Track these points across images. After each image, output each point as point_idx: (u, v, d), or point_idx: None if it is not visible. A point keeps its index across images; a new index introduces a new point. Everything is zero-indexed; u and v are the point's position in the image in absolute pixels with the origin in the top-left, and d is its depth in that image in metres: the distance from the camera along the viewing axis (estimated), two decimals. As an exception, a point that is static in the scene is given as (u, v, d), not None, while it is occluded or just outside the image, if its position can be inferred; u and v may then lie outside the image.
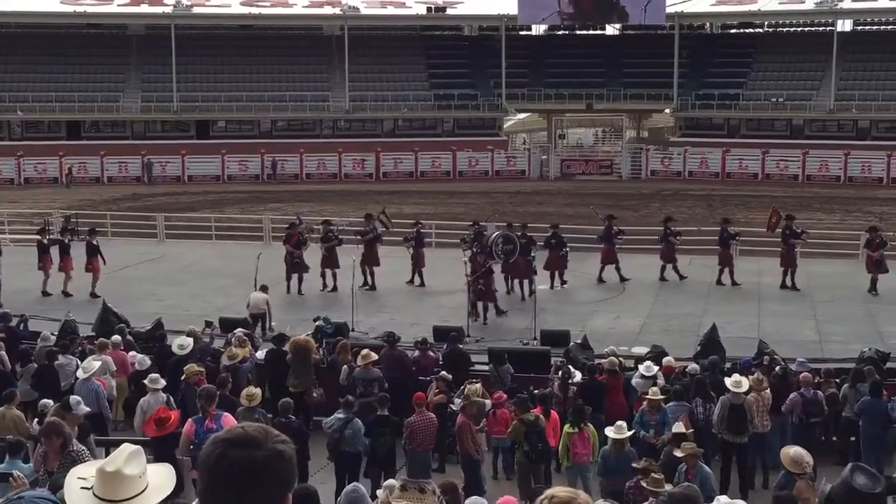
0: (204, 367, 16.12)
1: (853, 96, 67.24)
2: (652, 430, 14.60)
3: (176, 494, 3.90)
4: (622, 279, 28.69)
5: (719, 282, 28.22)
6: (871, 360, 17.56)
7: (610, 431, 13.60)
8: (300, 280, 27.60)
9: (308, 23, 77.06)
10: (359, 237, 28.74)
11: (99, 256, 27.57)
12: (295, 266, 27.49)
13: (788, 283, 27.69)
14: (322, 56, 74.96)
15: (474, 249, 25.39)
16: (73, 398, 12.35)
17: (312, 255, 28.00)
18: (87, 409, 12.56)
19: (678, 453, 12.32)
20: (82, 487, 3.61)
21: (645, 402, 15.12)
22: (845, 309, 25.66)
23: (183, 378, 15.65)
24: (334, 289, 27.54)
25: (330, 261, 27.80)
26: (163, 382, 15.06)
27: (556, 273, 28.29)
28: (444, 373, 16.77)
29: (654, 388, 15.30)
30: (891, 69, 68.64)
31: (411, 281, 28.64)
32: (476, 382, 15.59)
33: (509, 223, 28.15)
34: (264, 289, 23.27)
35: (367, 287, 27.91)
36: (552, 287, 28.12)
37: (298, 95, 70.72)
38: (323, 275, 27.90)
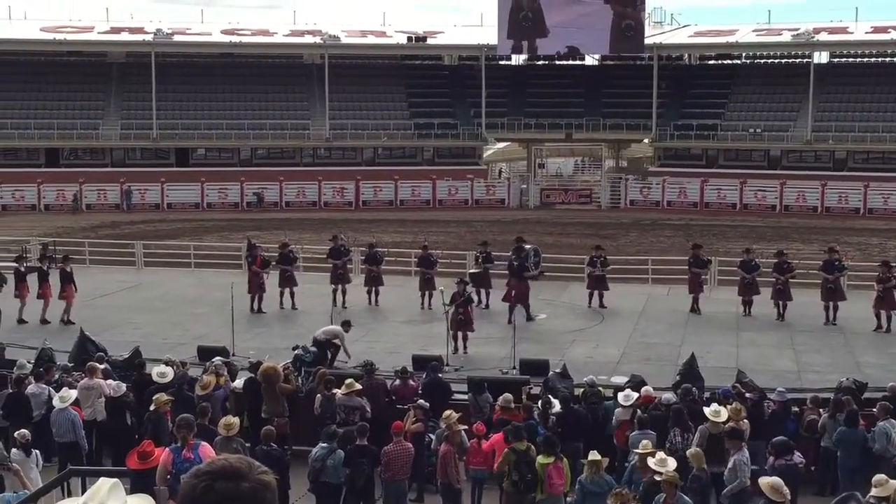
0: (174, 397, 15.98)
1: (830, 127, 67.79)
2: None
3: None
4: (697, 310, 28.79)
5: (780, 316, 27.77)
6: (848, 390, 17.64)
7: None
8: (260, 299, 28.69)
9: (289, 51, 77.27)
10: (370, 266, 29.97)
11: (72, 284, 27.45)
12: (260, 287, 28.65)
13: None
14: (302, 84, 75.09)
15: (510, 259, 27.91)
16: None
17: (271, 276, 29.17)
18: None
19: (658, 475, 12.22)
20: None
21: (636, 458, 13.86)
22: (823, 339, 25.76)
23: (152, 408, 15.55)
24: (293, 307, 28.81)
25: (289, 280, 29.07)
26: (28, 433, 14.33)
27: (596, 293, 29.53)
28: (421, 401, 16.73)
29: (646, 442, 14.02)
30: (866, 101, 69.38)
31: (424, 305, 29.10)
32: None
33: (518, 237, 30.60)
34: (346, 325, 22.69)
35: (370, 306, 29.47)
36: (590, 305, 29.39)
37: (279, 123, 70.73)
38: (281, 294, 29.00)
